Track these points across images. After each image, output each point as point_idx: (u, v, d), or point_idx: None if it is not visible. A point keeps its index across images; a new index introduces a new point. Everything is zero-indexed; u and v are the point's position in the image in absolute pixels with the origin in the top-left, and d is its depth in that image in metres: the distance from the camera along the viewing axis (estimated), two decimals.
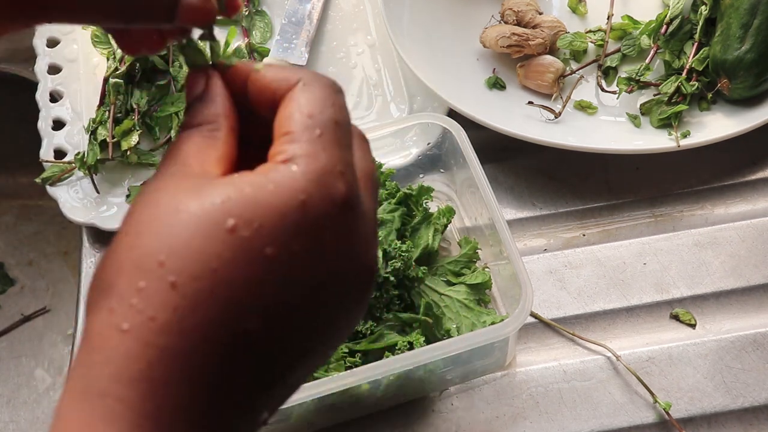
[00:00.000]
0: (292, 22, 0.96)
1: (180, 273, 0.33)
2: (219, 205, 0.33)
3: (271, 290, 0.34)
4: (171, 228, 0.33)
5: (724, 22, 0.86)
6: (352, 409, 0.73)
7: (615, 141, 0.84)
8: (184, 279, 0.33)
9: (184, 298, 0.33)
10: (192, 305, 0.33)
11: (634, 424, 0.73)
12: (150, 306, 0.33)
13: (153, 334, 0.32)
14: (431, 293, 0.74)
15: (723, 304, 0.78)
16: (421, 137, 0.85)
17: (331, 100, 0.38)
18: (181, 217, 0.34)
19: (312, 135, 0.36)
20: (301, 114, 0.37)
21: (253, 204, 0.34)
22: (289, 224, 0.34)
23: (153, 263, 0.33)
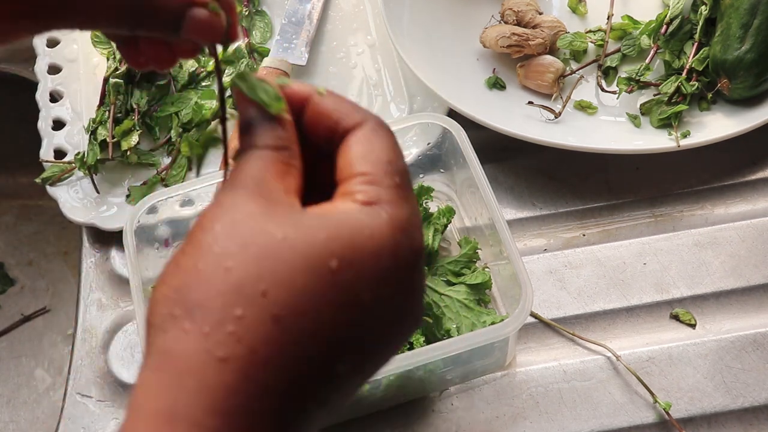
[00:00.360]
0: (292, 22, 0.96)
1: (284, 307, 0.32)
2: (323, 243, 0.34)
3: (363, 334, 0.34)
4: (275, 258, 0.33)
5: (724, 22, 0.86)
6: (353, 409, 0.73)
7: (615, 141, 0.84)
8: (288, 314, 0.32)
9: (287, 334, 0.32)
10: (295, 342, 0.32)
11: (634, 424, 0.73)
12: (251, 337, 0.32)
13: (254, 369, 0.32)
14: (431, 293, 0.74)
15: (723, 304, 0.78)
16: (421, 137, 0.85)
17: (399, 149, 0.39)
18: (285, 249, 0.33)
19: (393, 182, 0.37)
20: (379, 158, 0.37)
21: (353, 246, 0.34)
22: (383, 270, 0.35)
23: (255, 292, 0.32)
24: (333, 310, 0.33)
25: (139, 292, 0.70)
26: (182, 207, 0.81)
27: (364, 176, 0.37)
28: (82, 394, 0.77)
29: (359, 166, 0.37)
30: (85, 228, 0.87)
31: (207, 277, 0.33)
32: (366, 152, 0.38)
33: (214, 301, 0.32)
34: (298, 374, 0.33)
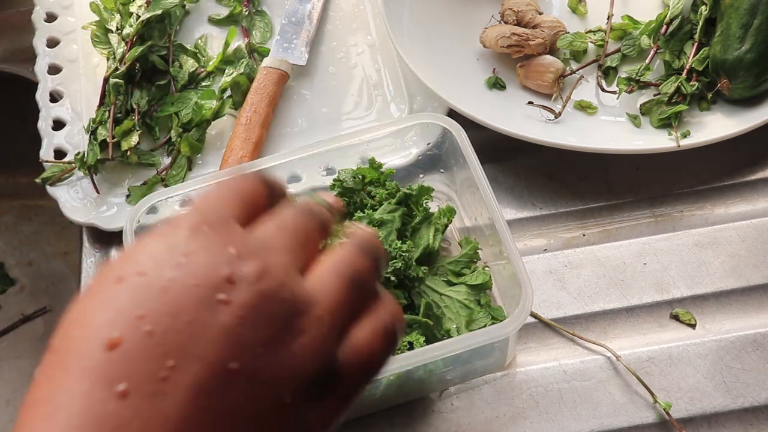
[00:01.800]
0: (292, 22, 0.96)
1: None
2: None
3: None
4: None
5: (724, 22, 0.86)
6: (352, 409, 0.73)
7: (615, 141, 0.84)
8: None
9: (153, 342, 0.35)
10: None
11: (634, 424, 0.73)
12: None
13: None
14: (431, 293, 0.74)
15: (723, 304, 0.78)
16: (421, 137, 0.85)
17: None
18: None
19: (193, 208, 0.39)
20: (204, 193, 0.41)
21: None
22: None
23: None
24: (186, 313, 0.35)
25: None
26: (182, 207, 0.81)
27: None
28: None
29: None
30: (85, 228, 0.87)
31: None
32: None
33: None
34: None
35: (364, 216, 0.75)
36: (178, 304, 0.34)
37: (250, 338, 0.35)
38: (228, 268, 0.35)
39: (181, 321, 0.34)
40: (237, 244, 0.36)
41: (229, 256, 0.36)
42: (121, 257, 0.37)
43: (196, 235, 0.36)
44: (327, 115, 0.91)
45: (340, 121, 0.91)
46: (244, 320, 0.35)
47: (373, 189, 0.78)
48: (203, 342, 0.34)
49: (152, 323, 0.34)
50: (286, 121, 0.91)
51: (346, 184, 0.78)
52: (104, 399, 0.33)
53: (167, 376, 0.33)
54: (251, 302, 0.35)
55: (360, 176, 0.78)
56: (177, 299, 0.34)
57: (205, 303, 0.35)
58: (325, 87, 0.93)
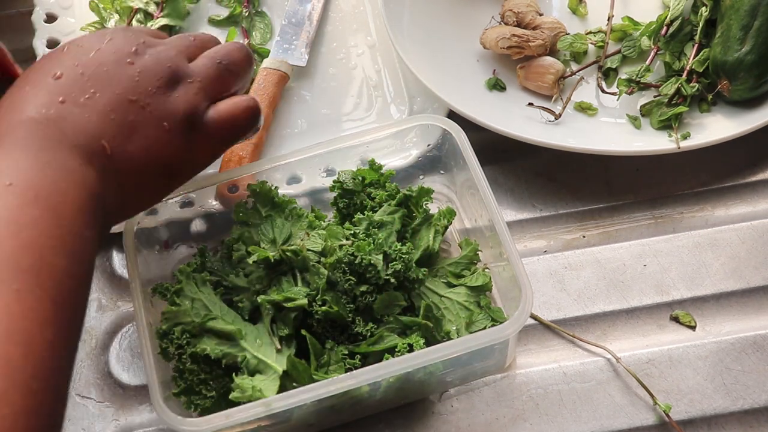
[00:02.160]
0: (292, 23, 0.96)
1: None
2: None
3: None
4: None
5: (724, 23, 0.86)
6: (352, 411, 0.73)
7: (615, 142, 0.84)
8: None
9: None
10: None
11: (634, 426, 0.73)
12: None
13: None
14: (431, 295, 0.74)
15: (723, 306, 0.78)
16: (421, 139, 0.85)
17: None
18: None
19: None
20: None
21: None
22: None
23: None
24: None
25: (139, 293, 0.70)
26: (182, 208, 0.81)
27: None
28: (82, 395, 0.77)
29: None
30: None
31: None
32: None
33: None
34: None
35: (364, 218, 0.74)
36: (102, 61, 0.60)
37: (143, 84, 0.60)
38: (137, 46, 0.62)
39: (102, 69, 0.59)
40: (147, 36, 0.64)
41: (139, 42, 0.62)
42: (61, 52, 0.62)
43: (119, 30, 0.64)
44: (327, 116, 0.91)
45: (340, 122, 0.91)
46: (141, 74, 0.60)
47: (373, 190, 0.78)
48: (115, 81, 0.59)
49: (83, 68, 0.59)
50: (286, 122, 0.91)
51: (346, 185, 0.78)
52: (49, 104, 0.57)
53: (91, 96, 0.58)
54: (147, 64, 0.61)
55: (360, 178, 0.78)
56: (101, 58, 0.60)
57: (119, 62, 0.60)
58: (325, 88, 0.93)
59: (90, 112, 0.57)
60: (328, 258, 0.72)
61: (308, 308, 0.70)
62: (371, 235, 0.72)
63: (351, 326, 0.71)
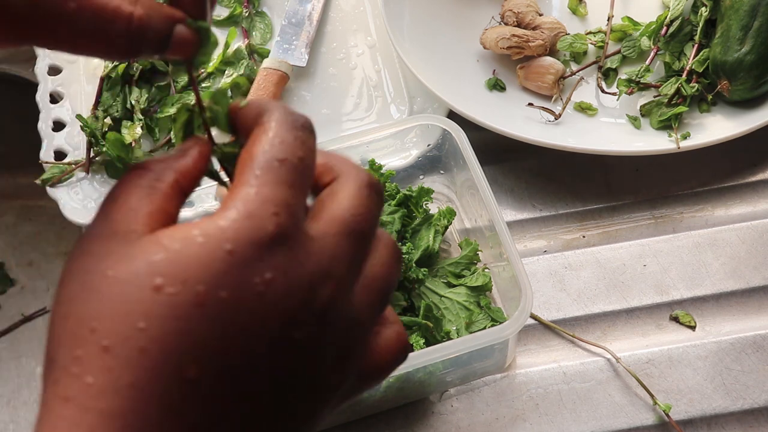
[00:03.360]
0: (292, 23, 0.96)
1: (110, 336, 0.32)
2: (145, 266, 0.33)
3: (203, 337, 0.32)
4: (100, 294, 0.33)
5: (724, 23, 0.86)
6: (352, 411, 0.73)
7: (615, 142, 0.84)
8: (114, 341, 0.32)
9: (116, 359, 0.32)
10: (124, 364, 0.32)
11: (633, 425, 0.73)
12: (87, 372, 0.32)
13: (91, 399, 0.32)
14: (431, 295, 0.74)
15: (723, 306, 0.78)
16: (421, 139, 0.85)
17: (286, 136, 0.36)
18: (109, 282, 0.33)
19: (250, 177, 0.34)
20: (248, 156, 0.35)
21: (180, 260, 0.33)
22: (214, 274, 0.32)
23: (86, 331, 0.33)
24: (158, 326, 0.32)
25: None
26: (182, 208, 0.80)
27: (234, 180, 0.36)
28: None
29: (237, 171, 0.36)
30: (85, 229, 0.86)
31: (55, 331, 0.34)
32: (245, 155, 0.36)
33: (59, 350, 0.33)
34: (138, 393, 0.32)
35: None
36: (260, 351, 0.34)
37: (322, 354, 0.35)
38: (300, 304, 0.34)
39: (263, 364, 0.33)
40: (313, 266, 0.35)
41: (305, 288, 0.34)
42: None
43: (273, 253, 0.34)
44: (327, 116, 0.91)
45: (340, 122, 0.91)
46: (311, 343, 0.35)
47: None
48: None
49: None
50: None
51: None
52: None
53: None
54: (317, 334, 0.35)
55: None
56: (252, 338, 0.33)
57: (280, 338, 0.34)
58: (325, 88, 0.93)
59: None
60: None
61: None
62: None
63: None
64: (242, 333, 0.33)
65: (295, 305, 0.34)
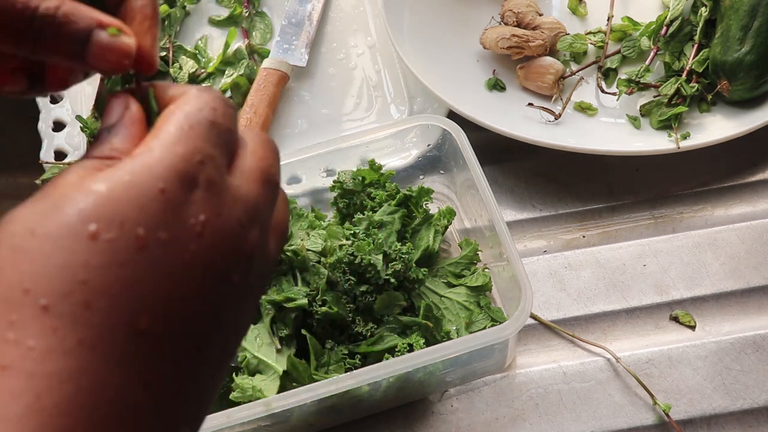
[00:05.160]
0: (292, 23, 0.96)
1: (48, 294, 0.30)
2: (75, 215, 0.31)
3: (151, 284, 0.31)
4: (29, 253, 0.31)
5: (724, 23, 0.86)
6: (352, 411, 0.73)
7: (615, 142, 0.84)
8: (54, 299, 0.30)
9: (59, 318, 0.30)
10: (69, 322, 0.30)
11: (633, 425, 0.73)
12: (26, 336, 0.30)
13: (35, 363, 0.29)
14: (431, 295, 0.74)
15: (723, 306, 0.78)
16: (421, 139, 0.85)
17: (217, 104, 0.36)
18: (39, 239, 0.31)
19: (178, 127, 0.34)
20: (178, 111, 0.35)
21: (112, 202, 0.31)
22: (151, 214, 0.31)
23: (18, 293, 0.30)
24: (102, 276, 0.31)
25: None
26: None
27: (153, 130, 0.35)
28: None
29: (157, 124, 0.35)
30: None
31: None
32: (170, 110, 0.36)
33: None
34: (89, 351, 0.30)
35: (364, 218, 0.75)
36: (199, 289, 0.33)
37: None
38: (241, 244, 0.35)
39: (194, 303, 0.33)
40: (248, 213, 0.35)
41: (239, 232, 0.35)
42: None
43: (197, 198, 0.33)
44: (327, 116, 0.91)
45: (340, 122, 0.91)
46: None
47: (373, 190, 0.78)
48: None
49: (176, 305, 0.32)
50: (286, 122, 0.91)
51: (346, 185, 0.78)
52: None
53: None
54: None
55: (360, 178, 0.78)
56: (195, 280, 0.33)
57: (220, 278, 0.34)
58: (325, 88, 0.93)
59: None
60: (328, 258, 0.72)
61: (308, 308, 0.70)
62: (371, 235, 0.72)
63: (351, 326, 0.71)
64: (187, 275, 0.32)
65: (231, 247, 0.34)
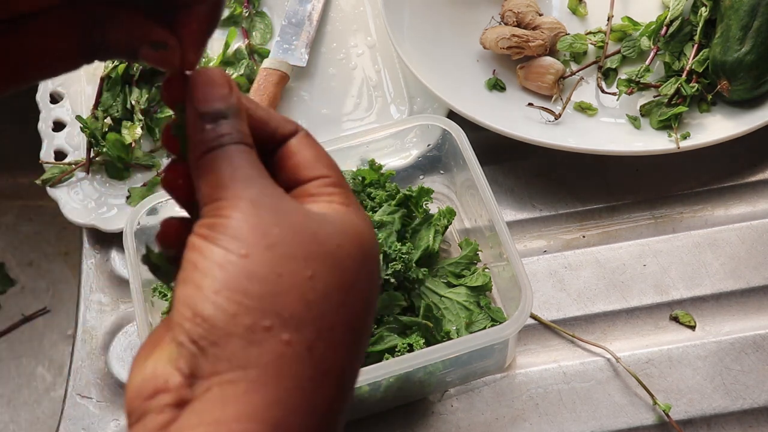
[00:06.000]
0: (292, 23, 0.96)
1: (354, 313, 0.36)
2: (362, 250, 0.37)
3: (370, 312, 0.38)
4: (343, 266, 0.36)
5: (724, 23, 0.86)
6: (352, 411, 0.73)
7: (615, 142, 0.84)
8: (356, 318, 0.36)
9: (357, 335, 0.37)
10: (360, 345, 0.37)
11: (633, 425, 0.73)
12: (343, 349, 0.35)
13: (345, 379, 0.36)
14: (431, 295, 0.74)
15: (723, 306, 0.78)
16: (421, 139, 0.85)
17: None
18: (344, 256, 0.37)
19: (346, 185, 0.40)
20: (330, 162, 0.40)
21: (362, 246, 0.38)
22: (374, 263, 0.38)
23: (338, 302, 0.36)
24: (372, 306, 0.38)
25: (140, 293, 0.70)
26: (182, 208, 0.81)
27: (327, 179, 0.39)
28: (82, 395, 0.77)
29: (318, 169, 0.39)
30: (85, 229, 0.87)
31: (293, 286, 0.34)
32: (318, 156, 0.40)
33: (309, 311, 0.33)
34: (356, 373, 0.37)
35: None
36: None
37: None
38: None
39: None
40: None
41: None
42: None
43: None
44: (327, 116, 0.91)
45: (340, 122, 0.91)
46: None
47: (373, 190, 0.78)
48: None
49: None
50: None
51: None
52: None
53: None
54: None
55: (360, 178, 0.78)
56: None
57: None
58: (325, 88, 0.93)
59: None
60: None
61: None
62: None
63: None
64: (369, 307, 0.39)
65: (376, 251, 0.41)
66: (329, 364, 0.33)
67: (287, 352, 0.32)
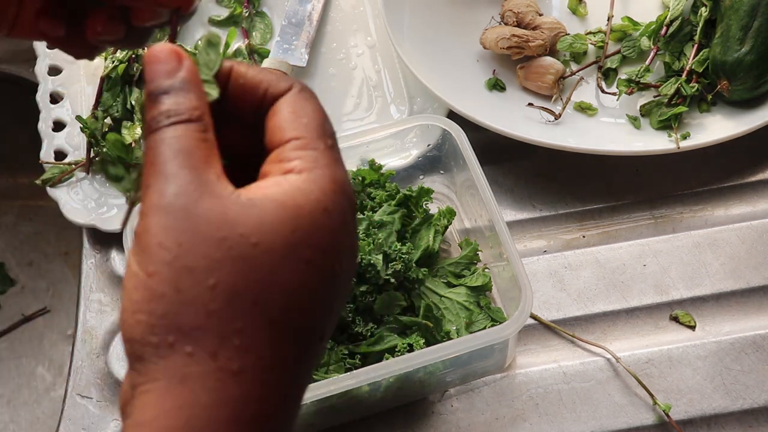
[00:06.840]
0: (292, 23, 0.96)
1: (276, 308, 0.35)
2: (290, 234, 0.35)
3: (337, 292, 0.37)
4: (254, 266, 0.34)
5: (724, 23, 0.86)
6: (352, 411, 0.73)
7: (615, 142, 0.84)
8: (279, 313, 0.35)
9: (283, 331, 0.35)
10: (292, 339, 0.35)
11: (633, 425, 0.73)
12: (257, 345, 0.34)
13: (267, 373, 0.34)
14: (431, 295, 0.74)
15: (723, 306, 0.78)
16: (421, 139, 0.85)
17: (324, 111, 0.39)
18: (260, 254, 0.35)
19: (326, 144, 0.38)
20: (310, 121, 0.38)
21: (311, 221, 0.36)
22: (336, 232, 0.37)
23: (246, 303, 0.34)
24: (315, 291, 0.36)
25: None
26: None
27: (297, 140, 0.38)
28: (82, 395, 0.77)
29: (291, 130, 0.38)
30: (85, 229, 0.87)
31: (194, 299, 0.34)
32: (296, 115, 0.38)
33: (210, 320, 0.34)
34: (298, 364, 0.35)
35: (364, 218, 0.75)
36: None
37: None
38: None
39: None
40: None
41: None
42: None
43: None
44: None
45: (340, 122, 0.91)
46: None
47: (373, 190, 0.78)
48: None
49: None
50: None
51: None
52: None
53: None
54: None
55: (360, 178, 0.78)
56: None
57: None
58: (325, 88, 0.93)
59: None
60: None
61: None
62: (371, 235, 0.72)
63: (351, 326, 0.71)
64: (346, 280, 0.39)
65: (356, 247, 0.41)
66: (240, 363, 0.34)
67: (190, 361, 0.34)
